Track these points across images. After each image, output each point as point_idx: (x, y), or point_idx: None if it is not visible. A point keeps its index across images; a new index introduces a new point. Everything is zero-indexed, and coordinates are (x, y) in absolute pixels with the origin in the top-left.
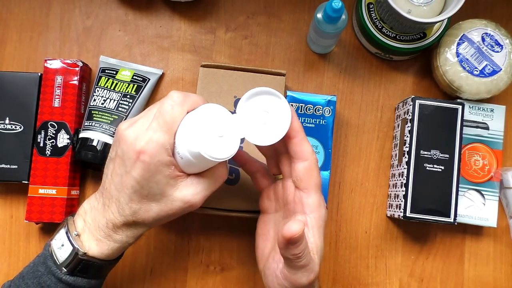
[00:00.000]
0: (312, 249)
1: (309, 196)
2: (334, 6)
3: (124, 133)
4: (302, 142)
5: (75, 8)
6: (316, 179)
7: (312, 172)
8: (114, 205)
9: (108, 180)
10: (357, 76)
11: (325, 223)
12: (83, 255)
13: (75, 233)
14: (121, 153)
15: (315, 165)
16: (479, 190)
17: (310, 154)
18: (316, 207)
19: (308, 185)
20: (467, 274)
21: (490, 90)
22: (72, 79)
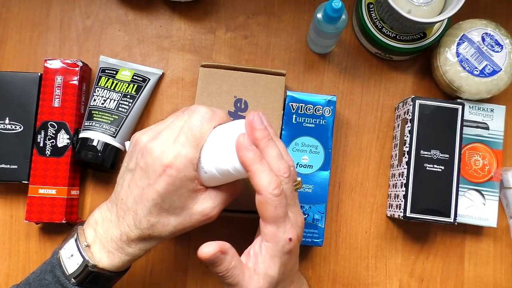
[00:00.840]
0: (258, 274)
1: (265, 227)
2: (334, 6)
3: (149, 145)
4: (254, 175)
5: (75, 8)
6: (270, 213)
7: (264, 206)
8: (130, 218)
9: (124, 191)
10: (357, 76)
11: (286, 253)
12: (93, 267)
13: (85, 243)
14: (144, 165)
15: (268, 201)
16: (479, 190)
17: (262, 188)
18: (271, 237)
19: (262, 217)
20: (467, 274)
21: (490, 90)
22: (72, 79)
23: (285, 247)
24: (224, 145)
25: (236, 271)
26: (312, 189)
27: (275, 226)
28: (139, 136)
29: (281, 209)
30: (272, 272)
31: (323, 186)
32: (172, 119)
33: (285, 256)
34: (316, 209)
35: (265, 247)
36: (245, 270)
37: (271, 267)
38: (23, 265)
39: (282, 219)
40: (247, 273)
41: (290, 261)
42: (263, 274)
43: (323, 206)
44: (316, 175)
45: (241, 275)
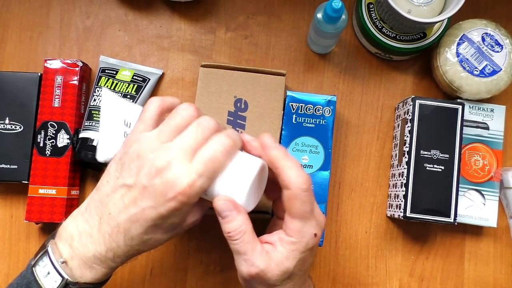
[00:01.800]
0: (272, 258)
1: (291, 222)
2: (334, 6)
3: (158, 165)
4: (283, 171)
5: (75, 8)
6: (298, 208)
7: (293, 201)
8: (120, 236)
9: (116, 207)
10: (357, 76)
11: (308, 250)
12: (74, 284)
13: (61, 260)
14: (150, 186)
15: (296, 196)
16: (479, 190)
17: (291, 183)
18: (296, 232)
19: (290, 213)
20: (467, 274)
21: (490, 90)
22: (72, 79)
23: (309, 242)
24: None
25: (246, 238)
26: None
27: (302, 222)
28: (141, 146)
29: (308, 205)
30: (289, 264)
31: (323, 186)
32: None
33: (306, 252)
34: None
35: (288, 241)
36: (257, 245)
37: (289, 259)
38: (23, 265)
39: (309, 214)
40: (259, 249)
41: (309, 259)
42: (278, 262)
43: (323, 206)
44: (316, 175)
45: (250, 246)
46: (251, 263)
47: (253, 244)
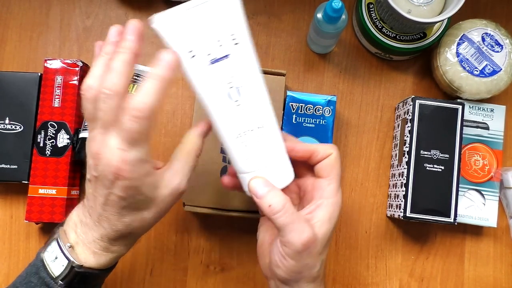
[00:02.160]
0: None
1: (330, 183)
2: (334, 6)
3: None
4: (317, 152)
5: (75, 8)
6: (338, 169)
7: (335, 164)
8: (105, 223)
9: (92, 199)
10: (357, 76)
11: (339, 211)
12: (79, 267)
13: (68, 245)
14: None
15: (338, 156)
16: (479, 190)
17: (331, 148)
18: (334, 193)
19: (330, 174)
20: (467, 274)
21: (490, 90)
22: (72, 79)
23: (342, 205)
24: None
25: (290, 209)
26: None
27: (339, 183)
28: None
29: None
30: (331, 225)
31: None
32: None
33: (338, 212)
34: None
35: (326, 203)
36: (298, 215)
37: (331, 220)
38: (23, 265)
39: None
40: (303, 218)
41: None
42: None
43: None
44: None
45: (296, 216)
46: (301, 231)
47: (297, 214)
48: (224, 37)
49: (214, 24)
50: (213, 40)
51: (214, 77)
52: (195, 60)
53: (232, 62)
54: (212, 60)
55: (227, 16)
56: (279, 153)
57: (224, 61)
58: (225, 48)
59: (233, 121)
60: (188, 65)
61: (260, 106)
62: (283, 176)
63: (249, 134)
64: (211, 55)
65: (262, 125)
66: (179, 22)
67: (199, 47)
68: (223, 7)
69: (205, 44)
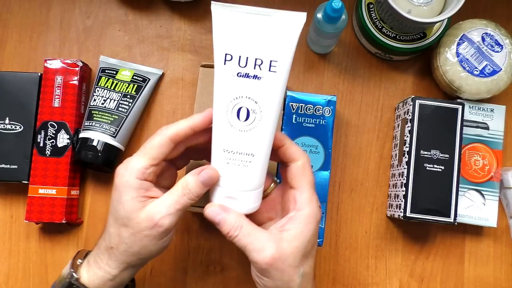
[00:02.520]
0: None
1: (302, 194)
2: (334, 6)
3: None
4: (290, 146)
5: (75, 8)
6: (308, 177)
7: (304, 171)
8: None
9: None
10: (357, 76)
11: (316, 220)
12: (75, 280)
13: (79, 261)
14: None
15: (307, 164)
16: (479, 190)
17: (301, 154)
18: (307, 203)
19: (300, 183)
20: (467, 274)
21: (490, 90)
22: (72, 79)
23: (318, 214)
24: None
25: (245, 231)
26: None
27: (311, 191)
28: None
29: (312, 175)
30: (303, 238)
31: (323, 186)
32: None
33: (317, 225)
34: None
35: (299, 216)
36: (261, 233)
37: (304, 233)
38: (23, 265)
39: (314, 185)
40: (265, 235)
41: (316, 236)
42: (291, 239)
43: (323, 206)
44: (316, 175)
45: (253, 236)
46: (260, 250)
47: (255, 234)
48: (266, 58)
49: (264, 41)
50: (254, 56)
51: (234, 89)
52: (227, 66)
53: (258, 85)
54: (241, 73)
55: (280, 39)
56: (256, 182)
57: (251, 80)
58: (260, 69)
59: (229, 136)
60: (218, 67)
61: (262, 137)
62: (250, 203)
63: (236, 155)
64: (244, 69)
65: (253, 153)
66: (233, 22)
67: (237, 56)
68: (281, 29)
69: (244, 56)
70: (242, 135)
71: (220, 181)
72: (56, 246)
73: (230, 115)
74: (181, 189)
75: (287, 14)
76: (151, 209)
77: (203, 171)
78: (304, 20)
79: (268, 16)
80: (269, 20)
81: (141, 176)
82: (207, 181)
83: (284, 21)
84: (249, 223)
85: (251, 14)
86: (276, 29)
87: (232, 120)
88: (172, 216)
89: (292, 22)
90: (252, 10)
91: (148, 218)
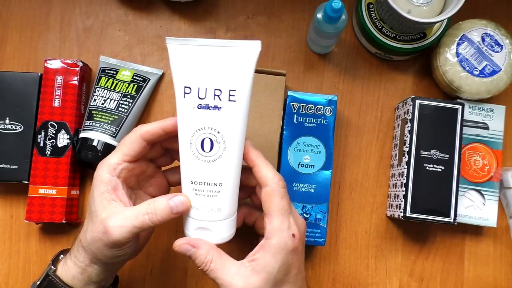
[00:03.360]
0: (254, 270)
1: (271, 222)
2: (334, 6)
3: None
4: (260, 170)
5: (75, 8)
6: (277, 204)
7: (271, 198)
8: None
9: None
10: (357, 76)
11: (286, 250)
12: (52, 272)
13: (61, 256)
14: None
15: (275, 190)
16: (479, 190)
17: (269, 179)
18: (275, 232)
19: (269, 210)
20: (467, 274)
21: (490, 90)
22: (72, 79)
23: (288, 243)
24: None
25: (215, 265)
26: (314, 188)
27: (281, 219)
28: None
29: (286, 201)
30: (271, 269)
31: (325, 185)
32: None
33: (289, 255)
34: (318, 209)
35: (267, 245)
36: (231, 266)
37: (271, 264)
38: (23, 265)
39: (287, 211)
40: (234, 269)
41: (295, 262)
42: (259, 270)
43: (325, 205)
44: (318, 175)
45: (223, 270)
46: (229, 285)
47: (225, 267)
48: (225, 88)
49: (221, 71)
50: (212, 87)
51: (196, 121)
52: (187, 99)
53: (219, 115)
54: (202, 105)
55: (237, 69)
56: (226, 212)
57: (212, 111)
58: (220, 99)
59: (195, 168)
60: (178, 100)
61: (228, 166)
62: (223, 232)
63: (203, 186)
64: (203, 101)
65: (220, 183)
66: (189, 55)
67: (196, 88)
68: (238, 58)
69: (203, 87)
70: (208, 166)
71: (191, 212)
72: (56, 246)
73: (194, 147)
74: (145, 207)
75: (242, 44)
76: (111, 213)
77: (176, 196)
78: (259, 48)
79: (223, 47)
80: (224, 51)
81: (112, 172)
82: (177, 207)
83: (240, 51)
84: (219, 255)
85: (206, 46)
86: (232, 59)
87: (197, 151)
88: (125, 230)
89: (247, 51)
90: (207, 42)
91: (104, 220)
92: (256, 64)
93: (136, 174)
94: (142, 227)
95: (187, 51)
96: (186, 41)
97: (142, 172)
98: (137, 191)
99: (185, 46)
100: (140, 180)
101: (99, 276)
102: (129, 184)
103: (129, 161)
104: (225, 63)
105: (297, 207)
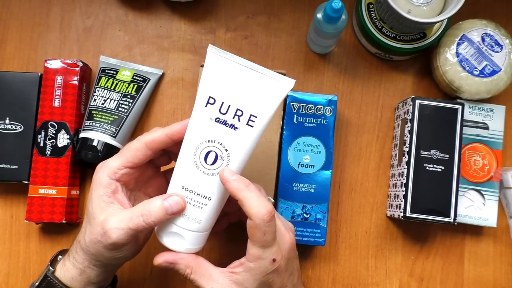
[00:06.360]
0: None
1: (250, 248)
2: (334, 6)
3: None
4: (244, 202)
5: (75, 8)
6: (259, 238)
7: (255, 231)
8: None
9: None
10: (357, 76)
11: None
12: (51, 273)
13: (60, 257)
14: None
15: (258, 227)
16: (479, 190)
17: (253, 215)
18: (254, 259)
19: (251, 238)
20: (467, 274)
21: (490, 90)
22: (72, 79)
23: (268, 268)
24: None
25: (194, 276)
26: (314, 188)
27: (262, 249)
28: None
29: (269, 235)
30: (250, 285)
31: (325, 185)
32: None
33: (269, 275)
34: (318, 209)
35: (247, 266)
36: (210, 274)
37: (249, 281)
38: (23, 265)
39: (270, 243)
40: (214, 277)
41: (276, 279)
42: (239, 283)
43: (325, 205)
44: (318, 175)
45: (200, 280)
46: None
47: (205, 277)
48: (247, 111)
49: (249, 94)
50: (236, 106)
51: (209, 132)
52: (208, 108)
53: (233, 135)
54: (220, 119)
55: (265, 98)
56: (205, 225)
57: (227, 128)
58: (239, 120)
59: (191, 176)
60: (199, 107)
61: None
62: (195, 244)
63: (193, 195)
64: (223, 116)
65: (210, 197)
66: (226, 69)
67: (220, 101)
68: (269, 88)
69: (227, 103)
70: (204, 178)
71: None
72: (56, 246)
73: (198, 156)
74: (140, 209)
75: (278, 77)
76: (109, 215)
77: (171, 197)
78: (292, 86)
79: (259, 73)
80: (259, 77)
81: (112, 176)
82: (172, 207)
83: (274, 83)
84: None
85: (244, 66)
86: (263, 87)
87: (199, 161)
88: (122, 232)
89: (280, 85)
90: (247, 64)
91: (102, 223)
92: (283, 98)
93: (136, 177)
94: (137, 229)
95: (224, 65)
96: (226, 54)
97: (141, 174)
98: (137, 192)
99: (224, 59)
100: (140, 181)
101: (98, 277)
102: (129, 186)
103: (131, 167)
104: (256, 88)
105: (297, 207)
